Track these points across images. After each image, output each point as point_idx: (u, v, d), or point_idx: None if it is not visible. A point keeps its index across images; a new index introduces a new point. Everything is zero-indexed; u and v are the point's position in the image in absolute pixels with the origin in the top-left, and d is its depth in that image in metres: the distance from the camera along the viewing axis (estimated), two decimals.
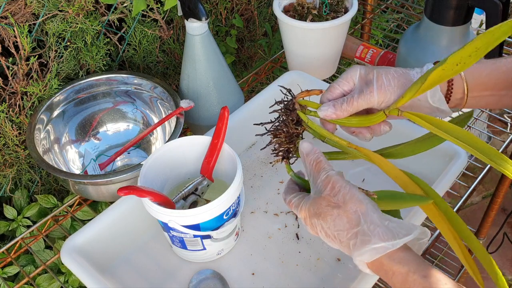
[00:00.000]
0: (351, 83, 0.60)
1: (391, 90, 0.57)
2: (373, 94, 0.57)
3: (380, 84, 0.57)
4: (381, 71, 0.58)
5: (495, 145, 0.97)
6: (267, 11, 1.22)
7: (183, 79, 0.92)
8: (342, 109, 0.57)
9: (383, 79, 0.57)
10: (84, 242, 0.71)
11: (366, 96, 0.57)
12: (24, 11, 0.84)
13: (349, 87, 0.60)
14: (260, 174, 0.89)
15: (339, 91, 0.60)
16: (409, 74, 0.58)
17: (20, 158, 0.92)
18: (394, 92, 0.57)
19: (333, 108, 0.58)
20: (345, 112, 0.58)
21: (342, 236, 0.52)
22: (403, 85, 0.57)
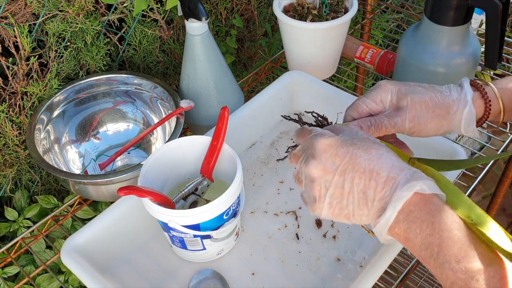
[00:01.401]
0: (380, 104, 0.57)
1: (423, 121, 0.54)
2: (405, 124, 0.55)
3: (413, 115, 0.54)
4: (415, 98, 0.54)
5: (495, 145, 0.97)
6: (267, 11, 1.22)
7: (183, 79, 0.92)
8: (369, 132, 0.55)
9: (417, 110, 0.54)
10: (84, 242, 0.71)
11: (396, 123, 0.55)
12: (24, 11, 0.84)
13: (376, 108, 0.57)
14: (260, 174, 0.89)
15: (365, 110, 0.57)
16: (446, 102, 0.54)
17: (20, 158, 0.92)
18: (427, 123, 0.55)
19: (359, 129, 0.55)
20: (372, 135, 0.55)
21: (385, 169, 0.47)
22: (438, 116, 0.54)
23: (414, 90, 0.56)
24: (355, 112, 0.58)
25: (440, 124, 0.55)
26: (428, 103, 0.55)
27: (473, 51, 0.86)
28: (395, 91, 0.56)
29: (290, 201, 0.84)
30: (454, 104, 0.55)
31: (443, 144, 0.79)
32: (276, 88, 0.93)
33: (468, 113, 0.55)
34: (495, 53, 0.82)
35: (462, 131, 0.56)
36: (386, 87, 0.56)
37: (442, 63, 0.85)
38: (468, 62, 0.85)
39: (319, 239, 0.78)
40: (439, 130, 0.56)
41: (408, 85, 0.57)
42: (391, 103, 0.56)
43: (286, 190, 0.85)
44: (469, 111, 0.55)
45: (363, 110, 0.57)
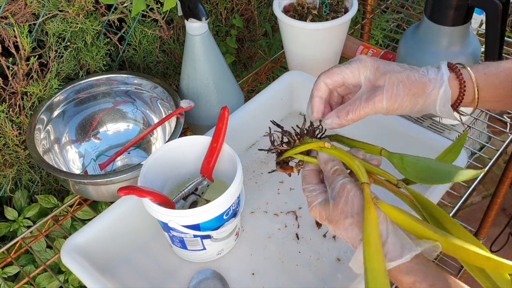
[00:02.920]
0: (356, 78, 0.57)
1: (400, 99, 0.55)
2: (382, 104, 0.55)
3: (391, 94, 0.55)
4: (393, 77, 0.55)
5: (495, 145, 0.97)
6: (267, 11, 1.22)
7: (183, 79, 0.92)
8: (348, 118, 0.56)
9: (394, 88, 0.55)
10: (84, 242, 0.71)
11: (374, 104, 0.55)
12: (24, 11, 0.84)
13: (352, 80, 0.57)
14: (260, 174, 0.89)
15: (340, 79, 0.57)
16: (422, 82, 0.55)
17: (20, 158, 0.92)
18: (403, 101, 0.55)
19: (338, 119, 0.56)
20: (351, 121, 0.56)
21: (353, 242, 0.52)
22: (414, 94, 0.55)
23: (392, 69, 0.56)
24: (329, 79, 0.58)
25: (415, 102, 0.56)
26: (405, 81, 0.55)
27: (473, 51, 0.86)
28: (374, 69, 0.56)
29: (290, 201, 0.84)
30: (430, 83, 0.55)
31: (443, 144, 0.79)
32: (276, 88, 0.93)
33: (443, 93, 0.55)
34: (495, 53, 0.82)
35: (437, 110, 0.56)
36: (366, 62, 0.57)
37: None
38: (468, 62, 0.85)
39: (319, 239, 0.78)
40: (413, 108, 0.56)
41: (387, 64, 0.57)
42: (368, 80, 0.57)
43: (286, 190, 0.85)
44: (445, 91, 0.55)
45: (338, 79, 0.58)
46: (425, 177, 0.52)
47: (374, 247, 0.48)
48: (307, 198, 0.58)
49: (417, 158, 0.54)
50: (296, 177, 0.65)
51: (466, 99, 0.57)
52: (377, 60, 0.57)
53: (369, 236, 0.49)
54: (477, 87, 0.56)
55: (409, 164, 0.53)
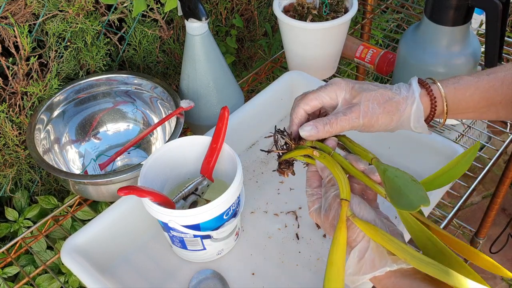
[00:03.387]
0: (334, 100, 0.59)
1: (375, 116, 0.57)
2: (359, 120, 0.57)
3: (366, 110, 0.57)
4: (368, 95, 0.57)
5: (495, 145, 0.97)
6: (267, 11, 1.22)
7: (183, 79, 0.92)
8: (325, 130, 0.58)
9: (369, 105, 0.57)
10: (84, 242, 0.71)
11: (351, 119, 0.57)
12: (24, 11, 0.84)
13: (330, 102, 0.59)
14: (260, 174, 0.89)
15: (318, 104, 0.60)
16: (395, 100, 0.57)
17: (20, 158, 0.93)
18: (378, 118, 0.57)
19: (316, 130, 0.58)
20: (327, 134, 0.58)
21: None
22: (388, 112, 0.57)
23: (366, 87, 0.59)
24: (307, 105, 0.60)
25: (390, 119, 0.58)
26: (379, 99, 0.57)
27: (473, 51, 0.86)
28: (349, 89, 0.59)
29: (290, 201, 0.84)
30: (403, 101, 0.57)
31: (443, 144, 0.79)
32: (276, 88, 0.93)
33: (416, 109, 0.57)
34: (495, 53, 0.82)
35: (412, 126, 0.59)
36: (341, 84, 0.59)
37: (442, 63, 0.85)
38: (468, 62, 0.85)
39: (319, 239, 0.78)
40: (388, 126, 0.58)
41: (360, 83, 0.59)
42: (344, 99, 0.59)
43: (286, 190, 0.85)
44: (417, 107, 0.57)
45: (315, 104, 0.60)
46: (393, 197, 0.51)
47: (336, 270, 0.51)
48: (307, 200, 0.60)
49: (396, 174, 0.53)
50: (296, 177, 0.65)
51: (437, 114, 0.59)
52: (351, 81, 0.60)
53: (333, 256, 0.52)
54: (446, 102, 0.58)
55: (387, 179, 0.53)
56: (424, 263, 0.48)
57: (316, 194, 0.59)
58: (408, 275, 0.50)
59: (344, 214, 0.53)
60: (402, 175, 0.52)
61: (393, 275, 0.51)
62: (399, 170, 0.53)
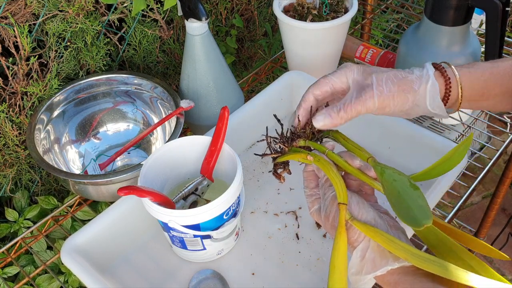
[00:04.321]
0: (345, 84, 0.57)
1: (391, 95, 0.55)
2: (374, 100, 0.55)
3: (380, 90, 0.55)
4: (380, 76, 0.55)
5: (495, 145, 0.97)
6: (267, 11, 1.22)
7: (183, 79, 0.92)
8: (340, 117, 0.55)
9: (383, 85, 0.55)
10: (84, 242, 0.71)
11: (365, 102, 0.55)
12: (24, 11, 0.84)
13: (341, 86, 0.58)
14: (260, 174, 0.89)
15: (329, 90, 0.58)
16: (409, 79, 0.56)
17: (20, 158, 0.92)
18: (394, 97, 0.55)
19: (330, 118, 0.56)
20: (343, 120, 0.56)
21: None
22: (403, 90, 0.55)
23: (378, 69, 0.57)
24: (318, 90, 0.58)
25: (406, 99, 0.55)
26: (393, 78, 0.55)
27: (473, 51, 0.86)
28: (360, 71, 0.57)
29: (290, 201, 0.84)
30: (417, 80, 0.56)
31: (443, 144, 0.79)
32: (276, 88, 0.93)
33: (431, 87, 0.55)
34: (495, 53, 0.82)
35: (428, 106, 0.56)
36: (352, 67, 0.58)
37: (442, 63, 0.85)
38: (468, 62, 0.85)
39: (319, 239, 0.78)
40: (404, 105, 0.56)
41: (372, 67, 0.58)
42: (356, 82, 0.57)
43: (286, 190, 0.85)
44: (432, 85, 0.55)
45: (327, 90, 0.58)
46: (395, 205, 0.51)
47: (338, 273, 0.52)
48: (306, 200, 0.60)
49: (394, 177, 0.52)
50: (296, 177, 0.65)
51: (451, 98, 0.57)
52: (361, 64, 0.59)
53: (335, 260, 0.52)
54: (460, 85, 0.56)
55: (385, 182, 0.52)
56: (423, 260, 0.48)
57: (315, 194, 0.59)
58: (411, 272, 0.50)
59: (343, 218, 0.53)
60: (400, 178, 0.51)
61: (396, 272, 0.51)
62: (396, 171, 0.53)
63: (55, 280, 0.83)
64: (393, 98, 0.55)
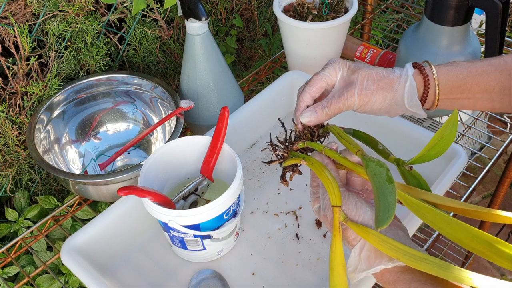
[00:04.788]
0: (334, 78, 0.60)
1: (369, 94, 0.58)
2: (354, 98, 0.58)
3: (361, 88, 0.58)
4: (363, 73, 0.58)
5: (495, 145, 0.97)
6: (267, 11, 1.22)
7: (183, 79, 0.92)
8: (324, 113, 0.59)
9: (363, 83, 0.58)
10: (84, 242, 0.71)
11: (347, 99, 0.58)
12: (24, 11, 0.84)
13: (332, 80, 0.60)
14: (260, 174, 0.89)
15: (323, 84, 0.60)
16: (389, 78, 0.58)
17: (20, 158, 0.93)
18: (373, 95, 0.58)
19: (316, 114, 0.59)
20: (327, 116, 0.59)
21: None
22: (382, 88, 0.58)
23: (362, 66, 0.60)
24: (313, 87, 0.61)
25: (384, 97, 0.58)
26: (374, 77, 0.58)
27: (473, 51, 0.86)
28: (346, 67, 0.60)
29: (290, 201, 0.84)
30: (397, 79, 0.59)
31: None
32: (276, 88, 0.93)
33: (409, 86, 0.58)
34: (495, 53, 0.82)
35: (406, 105, 0.59)
36: (339, 62, 0.61)
37: (442, 63, 0.85)
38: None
39: (319, 239, 0.78)
40: (383, 103, 0.59)
41: (357, 63, 0.61)
42: (342, 78, 0.60)
43: (286, 190, 0.85)
44: (410, 84, 0.58)
45: (321, 85, 0.61)
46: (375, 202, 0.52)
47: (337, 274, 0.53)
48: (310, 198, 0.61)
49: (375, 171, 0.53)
50: (296, 177, 0.65)
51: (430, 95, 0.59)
52: (345, 60, 0.61)
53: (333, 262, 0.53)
54: (437, 82, 0.59)
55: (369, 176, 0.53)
56: (416, 259, 0.48)
57: (316, 193, 0.60)
58: (408, 270, 0.50)
59: (337, 221, 0.54)
60: (380, 172, 0.52)
61: (394, 270, 0.51)
62: (379, 163, 0.53)
63: (56, 280, 0.83)
64: (372, 95, 0.58)
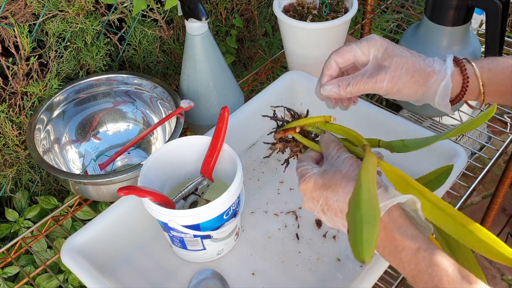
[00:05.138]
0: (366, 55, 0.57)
1: (401, 84, 0.55)
2: (383, 84, 0.55)
3: (393, 76, 0.55)
4: (398, 60, 0.55)
5: (495, 145, 0.97)
6: (267, 11, 1.22)
7: (183, 79, 0.92)
8: (347, 91, 0.56)
9: (397, 71, 0.55)
10: (84, 242, 0.71)
11: (375, 83, 0.55)
12: (24, 11, 0.84)
13: (362, 57, 0.58)
14: (260, 174, 0.89)
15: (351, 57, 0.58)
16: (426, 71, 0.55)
17: (20, 158, 0.93)
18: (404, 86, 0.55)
19: (337, 88, 0.56)
20: (348, 94, 0.56)
21: None
22: (416, 82, 0.55)
23: (400, 52, 0.56)
24: (340, 58, 0.58)
25: (415, 90, 0.56)
26: (410, 67, 0.55)
27: (473, 51, 0.86)
28: (382, 49, 0.57)
29: (290, 201, 0.84)
30: (434, 74, 0.56)
31: (443, 144, 0.79)
32: (276, 88, 0.93)
33: (444, 87, 0.55)
34: (495, 53, 0.82)
35: (436, 103, 0.57)
36: (376, 41, 0.57)
37: None
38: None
39: (319, 239, 0.78)
40: (412, 96, 0.57)
41: (396, 47, 0.57)
42: (375, 58, 0.57)
43: (286, 190, 0.85)
44: (446, 85, 0.55)
45: (348, 57, 0.58)
46: None
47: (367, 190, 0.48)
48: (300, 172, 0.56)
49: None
50: (296, 177, 0.65)
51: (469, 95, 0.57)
52: (387, 41, 0.58)
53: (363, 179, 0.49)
54: (482, 83, 0.56)
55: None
56: None
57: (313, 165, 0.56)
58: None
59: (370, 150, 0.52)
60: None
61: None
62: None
63: (55, 279, 0.83)
64: (404, 87, 0.55)
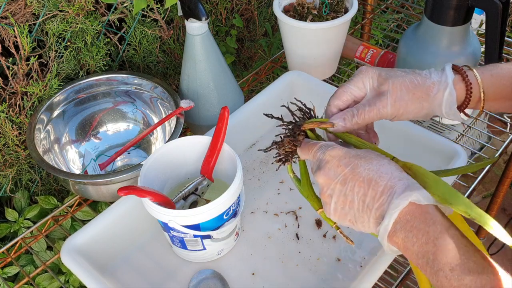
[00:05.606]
0: (362, 90, 0.57)
1: (404, 104, 0.55)
2: (387, 109, 0.55)
3: (395, 98, 0.54)
4: (396, 82, 0.55)
5: (495, 145, 0.97)
6: (267, 11, 1.22)
7: (183, 79, 0.92)
8: (353, 122, 0.56)
9: (397, 93, 0.54)
10: (84, 242, 0.71)
11: (379, 110, 0.55)
12: (24, 11, 0.84)
13: (359, 93, 0.58)
14: (260, 174, 0.89)
15: (349, 97, 0.58)
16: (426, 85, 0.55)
17: (20, 158, 0.92)
18: (408, 105, 0.55)
19: (343, 122, 0.56)
20: (355, 125, 0.56)
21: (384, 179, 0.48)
22: (418, 98, 0.55)
23: (394, 74, 0.56)
24: (339, 100, 0.58)
25: (421, 107, 0.55)
26: (408, 85, 0.55)
27: (473, 51, 0.86)
28: (376, 76, 0.57)
29: (290, 201, 0.84)
30: (434, 86, 0.55)
31: (443, 144, 0.79)
32: (276, 88, 0.93)
33: (448, 95, 0.55)
34: (495, 53, 0.82)
35: (444, 113, 0.56)
36: (368, 71, 0.57)
37: (442, 63, 0.84)
38: (468, 62, 0.85)
39: (319, 239, 0.78)
40: (419, 113, 0.56)
41: (388, 70, 0.57)
42: (372, 87, 0.57)
43: (286, 190, 0.85)
44: (450, 93, 0.55)
45: (347, 98, 0.58)
46: None
47: None
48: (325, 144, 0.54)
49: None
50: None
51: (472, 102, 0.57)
52: (377, 68, 0.58)
53: None
54: (482, 89, 0.56)
55: None
56: None
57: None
58: None
59: None
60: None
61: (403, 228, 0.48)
62: None
63: (55, 280, 0.83)
64: (407, 106, 0.55)
